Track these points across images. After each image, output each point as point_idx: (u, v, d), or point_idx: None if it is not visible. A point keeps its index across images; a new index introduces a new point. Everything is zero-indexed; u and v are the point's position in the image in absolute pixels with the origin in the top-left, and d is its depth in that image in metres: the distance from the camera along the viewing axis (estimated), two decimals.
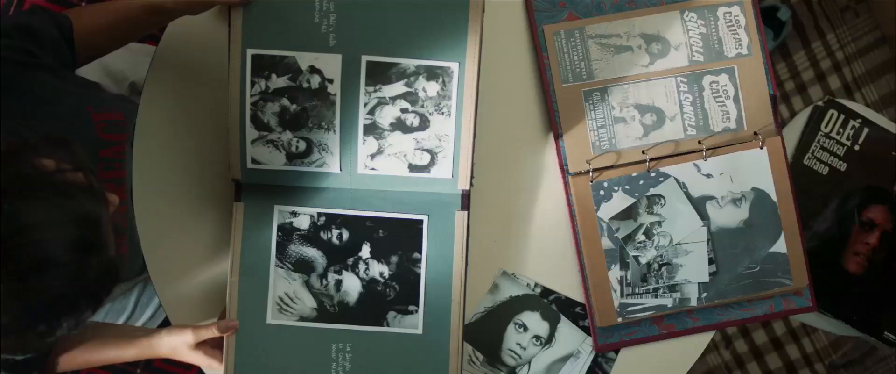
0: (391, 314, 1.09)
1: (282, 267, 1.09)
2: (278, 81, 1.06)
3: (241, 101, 1.06)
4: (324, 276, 1.10)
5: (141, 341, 1.07)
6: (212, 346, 1.07)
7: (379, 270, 1.09)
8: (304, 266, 1.09)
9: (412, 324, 1.09)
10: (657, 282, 1.15)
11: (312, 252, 1.10)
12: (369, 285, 1.10)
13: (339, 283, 1.10)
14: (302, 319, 1.10)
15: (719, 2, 1.16)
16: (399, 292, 1.09)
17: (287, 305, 1.10)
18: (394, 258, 1.09)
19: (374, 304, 1.10)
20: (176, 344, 1.05)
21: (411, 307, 1.09)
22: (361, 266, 1.10)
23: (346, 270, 1.10)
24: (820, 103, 1.42)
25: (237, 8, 1.03)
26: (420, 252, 1.08)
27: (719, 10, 1.17)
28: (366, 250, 1.09)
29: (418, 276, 1.09)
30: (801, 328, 1.85)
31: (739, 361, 1.83)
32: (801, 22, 1.85)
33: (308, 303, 1.10)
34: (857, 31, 1.86)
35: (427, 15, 1.04)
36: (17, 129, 0.95)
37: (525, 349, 1.17)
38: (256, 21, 1.04)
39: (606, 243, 1.15)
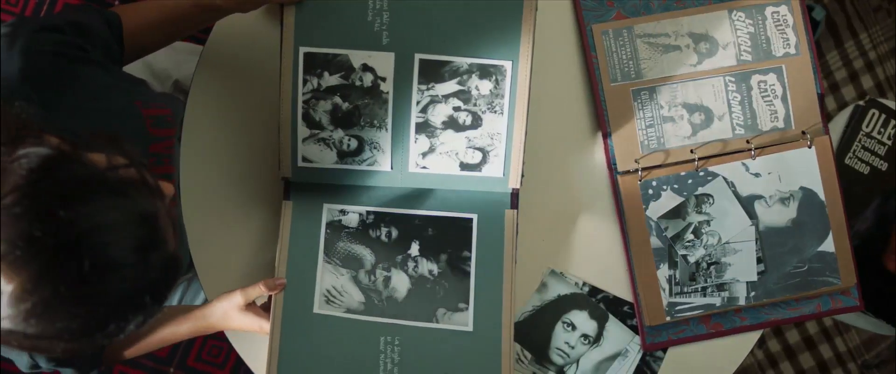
0: (441, 311, 1.09)
1: (329, 263, 1.09)
2: (330, 79, 1.06)
3: (293, 99, 1.06)
4: (372, 272, 1.10)
5: (193, 314, 1.08)
6: (263, 308, 1.08)
7: (428, 267, 1.09)
8: (352, 262, 1.09)
9: (462, 321, 1.09)
10: (706, 281, 1.15)
11: (361, 250, 1.10)
12: (418, 282, 1.10)
13: (387, 279, 1.10)
14: (349, 311, 1.10)
15: (767, 1, 1.16)
16: (448, 290, 1.09)
17: (334, 297, 1.10)
18: (443, 256, 1.09)
19: (423, 301, 1.10)
20: (226, 309, 1.05)
21: (461, 305, 1.09)
22: (410, 264, 1.10)
23: (395, 267, 1.10)
24: (861, 103, 1.42)
25: (289, 6, 1.03)
26: (470, 250, 1.08)
27: (767, 10, 1.16)
28: (415, 248, 1.09)
29: (468, 274, 1.09)
30: (834, 327, 1.85)
31: (772, 360, 1.83)
32: (834, 21, 1.85)
33: (356, 297, 1.09)
34: (889, 31, 1.86)
35: (480, 14, 1.04)
36: (69, 124, 0.95)
37: (573, 347, 1.17)
38: (309, 19, 1.04)
39: (655, 241, 1.15)
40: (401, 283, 1.10)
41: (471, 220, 1.09)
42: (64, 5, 1.82)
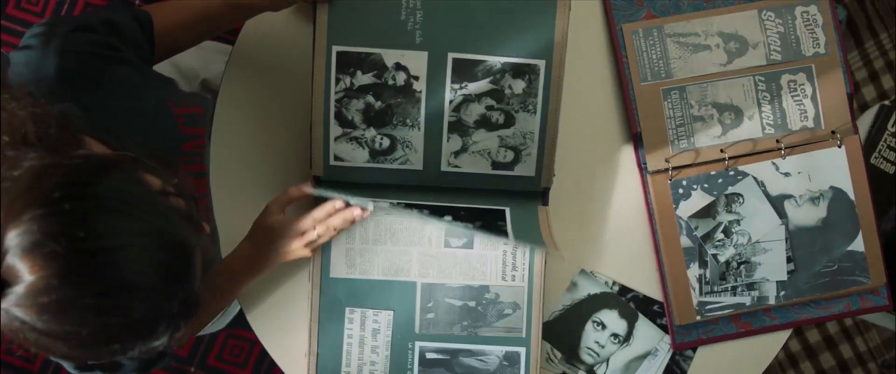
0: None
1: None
2: (363, 78, 1.06)
3: (326, 97, 1.06)
4: None
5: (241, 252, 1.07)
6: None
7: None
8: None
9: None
10: (736, 280, 1.15)
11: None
12: None
13: None
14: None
15: (797, 1, 1.16)
16: None
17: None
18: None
19: None
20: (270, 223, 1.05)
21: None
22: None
23: None
24: (887, 103, 1.42)
25: (322, 4, 1.03)
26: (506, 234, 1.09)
27: (797, 10, 1.17)
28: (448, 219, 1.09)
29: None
30: (855, 327, 1.85)
31: (793, 360, 1.83)
32: (855, 21, 1.85)
33: None
34: None
35: (514, 13, 1.04)
36: (104, 124, 0.95)
37: (603, 347, 1.17)
38: (342, 18, 1.04)
39: (685, 241, 1.15)
40: None
41: (504, 211, 1.08)
42: (94, 4, 1.82)
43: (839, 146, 1.16)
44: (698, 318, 1.15)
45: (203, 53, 1.34)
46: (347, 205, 1.04)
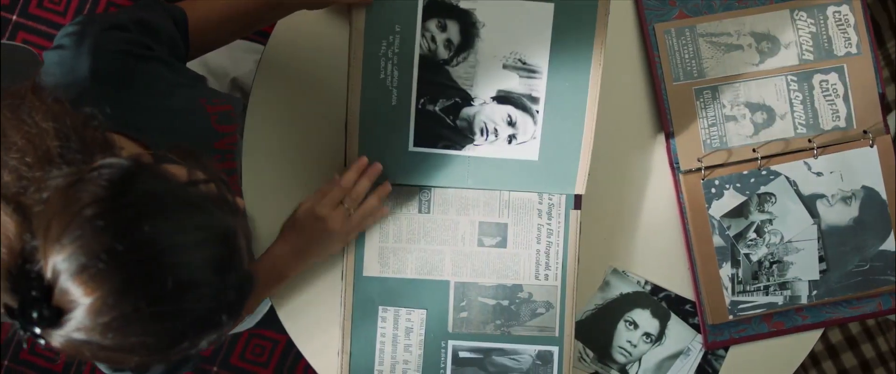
0: None
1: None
2: None
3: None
4: None
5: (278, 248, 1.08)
6: None
7: None
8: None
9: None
10: (768, 280, 1.16)
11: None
12: None
13: None
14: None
15: (829, 1, 1.16)
16: None
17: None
18: None
19: None
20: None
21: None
22: None
23: None
24: None
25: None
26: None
27: (829, 9, 1.17)
28: None
29: None
30: (877, 327, 1.85)
31: (815, 359, 1.83)
32: (877, 21, 1.85)
33: None
34: None
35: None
36: (138, 123, 0.95)
37: (635, 346, 1.17)
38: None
39: (718, 240, 1.15)
40: None
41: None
42: (117, 3, 1.82)
43: (871, 146, 1.16)
44: (731, 317, 1.16)
45: (232, 52, 1.35)
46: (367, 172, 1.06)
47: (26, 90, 0.79)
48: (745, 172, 1.15)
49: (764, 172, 1.15)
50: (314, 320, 1.16)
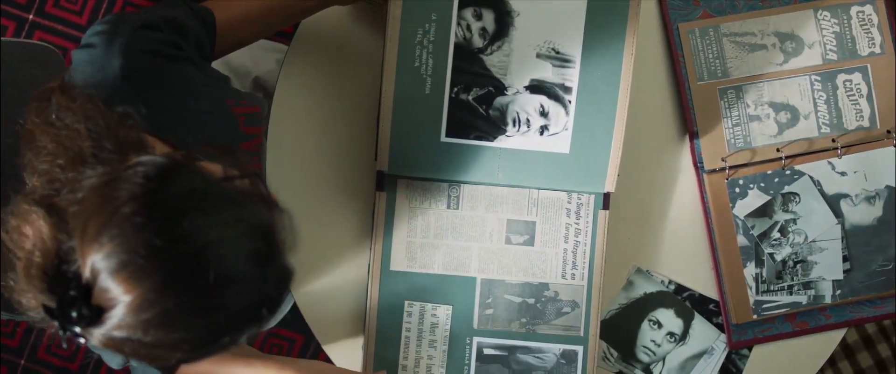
0: None
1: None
2: None
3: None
4: None
5: (271, 366, 0.98)
6: None
7: None
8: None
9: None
10: (792, 279, 1.16)
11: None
12: None
13: None
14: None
15: (852, 0, 1.17)
16: None
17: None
18: None
19: None
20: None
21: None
22: None
23: None
24: None
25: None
26: None
27: (852, 9, 1.17)
28: None
29: None
30: (892, 327, 1.86)
31: (831, 359, 1.83)
32: None
33: None
34: None
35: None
36: (168, 123, 0.95)
37: (659, 345, 1.17)
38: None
39: (742, 240, 1.15)
40: None
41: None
42: (134, 3, 1.83)
43: (895, 145, 1.16)
44: (755, 317, 1.16)
45: (252, 51, 1.35)
46: None
47: (53, 91, 0.80)
48: (769, 172, 1.15)
49: (788, 172, 1.16)
50: (336, 313, 1.16)
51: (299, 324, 1.20)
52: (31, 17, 1.83)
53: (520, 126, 1.06)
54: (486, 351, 1.12)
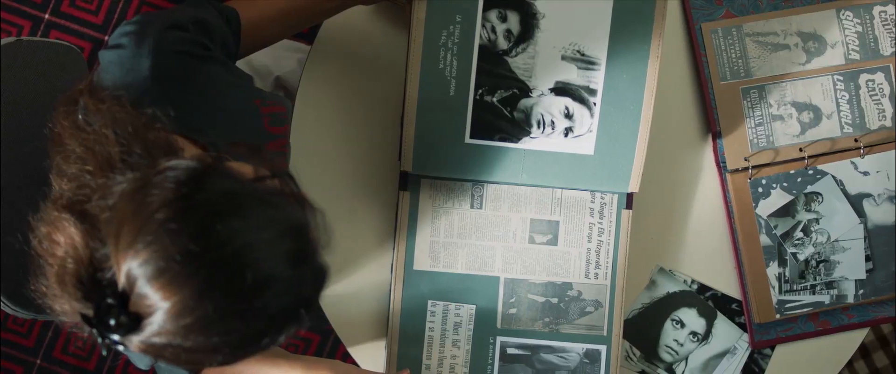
0: None
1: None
2: None
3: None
4: None
5: (297, 365, 0.99)
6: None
7: None
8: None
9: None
10: (815, 279, 1.16)
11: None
12: None
13: None
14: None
15: (875, 0, 1.17)
16: None
17: None
18: None
19: None
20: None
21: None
22: None
23: None
24: None
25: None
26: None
27: (875, 9, 1.17)
28: None
29: None
30: None
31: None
32: None
33: None
34: None
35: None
36: (196, 124, 0.95)
37: (682, 345, 1.17)
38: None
39: (765, 239, 1.16)
40: None
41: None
42: (151, 4, 1.83)
43: None
44: (777, 316, 1.16)
45: (275, 51, 1.35)
46: None
47: (81, 93, 0.79)
48: (792, 172, 1.16)
49: (810, 172, 1.16)
50: (359, 314, 1.16)
51: (315, 324, 1.19)
52: (46, 16, 1.83)
53: (544, 128, 1.06)
54: (510, 351, 1.12)
